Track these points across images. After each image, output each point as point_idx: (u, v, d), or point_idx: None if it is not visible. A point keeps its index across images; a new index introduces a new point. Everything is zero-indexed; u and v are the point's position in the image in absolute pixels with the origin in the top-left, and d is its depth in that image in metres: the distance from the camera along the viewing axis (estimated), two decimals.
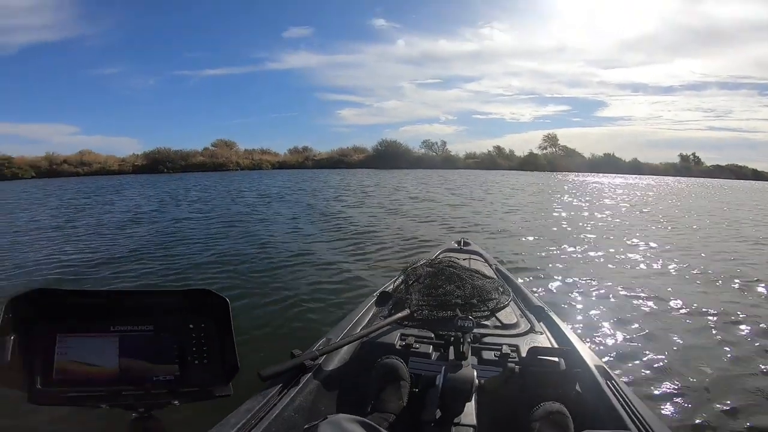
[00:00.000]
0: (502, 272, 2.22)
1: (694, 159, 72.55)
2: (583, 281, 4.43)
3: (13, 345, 0.62)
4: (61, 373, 0.65)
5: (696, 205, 15.17)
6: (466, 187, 20.61)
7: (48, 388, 0.64)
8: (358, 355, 1.35)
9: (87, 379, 0.66)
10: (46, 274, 4.85)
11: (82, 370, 0.66)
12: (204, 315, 0.74)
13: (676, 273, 4.96)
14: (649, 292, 4.03)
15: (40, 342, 0.66)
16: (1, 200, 16.23)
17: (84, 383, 0.66)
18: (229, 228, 8.06)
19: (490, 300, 1.59)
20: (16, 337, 0.63)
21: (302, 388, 1.14)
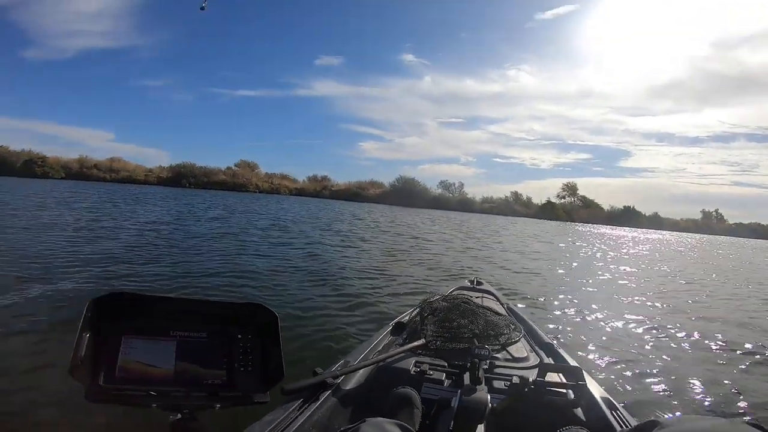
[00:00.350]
0: (514, 311, 2.30)
1: (717, 216, 70.97)
2: (593, 324, 4.66)
3: (88, 342, 0.66)
4: (123, 372, 0.69)
5: (714, 263, 14.75)
6: (481, 231, 20.51)
7: (110, 384, 0.67)
8: (374, 378, 1.41)
9: (144, 379, 0.70)
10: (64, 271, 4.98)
11: (141, 369, 0.70)
12: (253, 326, 0.81)
13: (682, 319, 5.19)
14: (654, 334, 4.32)
15: (109, 341, 0.70)
16: (34, 197, 16.83)
17: (141, 383, 0.69)
18: (250, 247, 8.24)
19: (501, 335, 1.66)
20: (91, 335, 0.67)
21: (321, 405, 1.19)
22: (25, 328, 3.05)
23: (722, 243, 35.84)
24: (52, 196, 19.29)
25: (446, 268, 7.94)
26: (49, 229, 8.66)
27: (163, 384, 0.71)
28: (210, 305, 0.81)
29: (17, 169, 45.90)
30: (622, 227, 53.69)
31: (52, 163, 49.50)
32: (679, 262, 14.62)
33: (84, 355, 0.65)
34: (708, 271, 12.11)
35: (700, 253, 20.09)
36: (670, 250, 20.97)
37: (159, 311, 0.76)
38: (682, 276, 10.20)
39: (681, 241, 33.63)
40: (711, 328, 4.73)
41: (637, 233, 40.83)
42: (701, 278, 10.23)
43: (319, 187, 62.68)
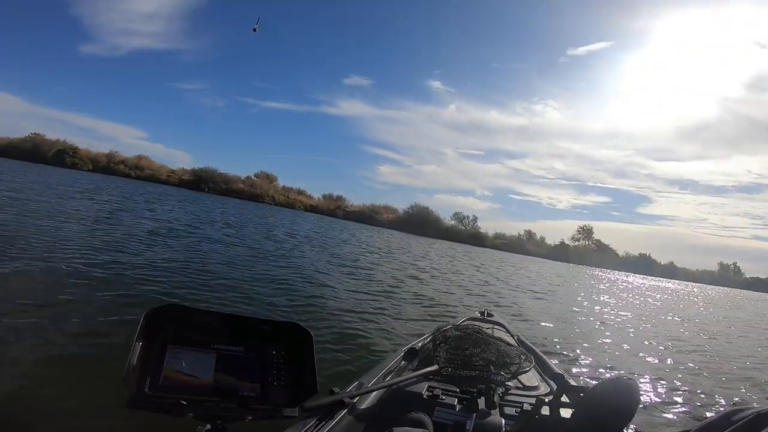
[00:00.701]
0: (524, 342, 2.35)
1: (734, 269, 69.40)
2: (602, 363, 4.91)
3: (140, 350, 0.72)
4: (166, 380, 0.73)
5: (726, 314, 14.43)
6: (493, 267, 20.27)
7: (154, 392, 0.71)
8: (388, 400, 1.45)
9: (185, 388, 0.74)
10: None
11: (182, 379, 0.75)
12: (287, 344, 0.88)
13: (688, 366, 5.48)
14: (659, 375, 4.70)
15: (157, 350, 0.75)
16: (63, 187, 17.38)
17: (181, 392, 0.73)
18: (265, 262, 8.39)
19: (512, 364, 1.70)
20: (144, 344, 0.73)
21: (337, 423, 1.24)
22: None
23: (738, 296, 34.63)
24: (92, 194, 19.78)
25: (457, 299, 8.07)
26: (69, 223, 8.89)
27: (201, 394, 0.74)
28: (250, 322, 0.87)
29: (49, 157, 47.72)
30: (636, 274, 52.24)
31: (82, 155, 51.37)
32: (692, 311, 14.18)
33: (135, 363, 0.70)
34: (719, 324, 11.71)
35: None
36: (691, 300, 20.39)
37: (202, 324, 0.82)
38: (695, 327, 9.87)
39: (699, 291, 32.67)
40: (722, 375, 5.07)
41: (650, 281, 40.37)
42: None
43: (333, 206, 63.20)
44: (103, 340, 3.00)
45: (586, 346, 5.69)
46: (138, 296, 4.30)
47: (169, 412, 0.70)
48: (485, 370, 1.58)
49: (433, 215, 61.30)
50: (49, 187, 16.88)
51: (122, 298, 4.09)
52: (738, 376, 5.38)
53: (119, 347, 2.81)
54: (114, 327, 3.28)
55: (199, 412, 0.73)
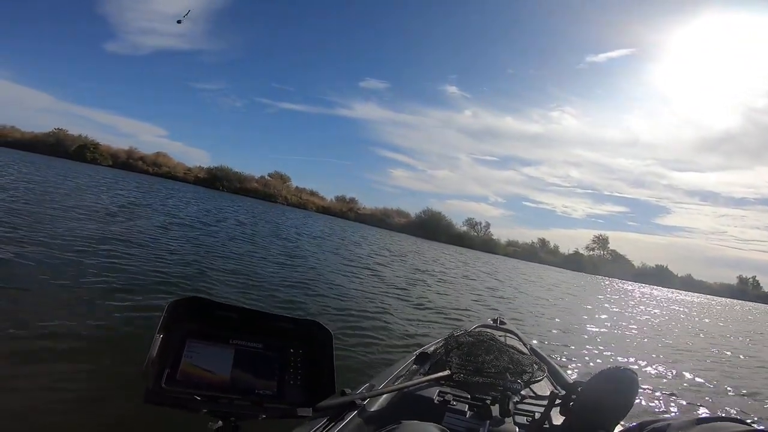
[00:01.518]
0: (536, 351, 2.33)
1: (753, 283, 67.33)
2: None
3: (161, 343, 0.70)
4: (183, 375, 0.71)
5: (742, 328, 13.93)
6: (506, 274, 19.92)
7: (170, 387, 0.69)
8: (398, 404, 1.45)
9: (202, 384, 0.72)
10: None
11: (200, 374, 0.73)
12: (306, 342, 0.85)
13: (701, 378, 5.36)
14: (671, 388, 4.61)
15: (176, 343, 0.73)
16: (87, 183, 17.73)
17: (198, 387, 0.71)
18: (287, 261, 8.49)
19: (525, 372, 1.68)
20: (164, 336, 0.71)
21: (347, 424, 1.22)
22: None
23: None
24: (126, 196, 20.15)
25: (469, 305, 8.05)
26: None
27: (217, 390, 0.73)
28: (270, 318, 0.84)
29: (71, 152, 49.01)
30: (652, 286, 51.00)
31: (103, 151, 52.60)
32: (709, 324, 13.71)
33: (155, 356, 0.68)
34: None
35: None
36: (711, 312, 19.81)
37: (223, 319, 0.80)
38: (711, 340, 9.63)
39: (718, 304, 31.80)
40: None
41: (668, 293, 39.56)
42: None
43: (346, 208, 63.37)
44: (114, 333, 2.98)
45: (604, 357, 5.61)
46: (153, 289, 4.31)
47: (185, 408, 0.68)
48: (499, 377, 1.56)
49: (445, 220, 61.01)
50: (68, 179, 17.21)
51: (138, 293, 4.08)
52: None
53: (131, 341, 2.83)
54: (126, 321, 3.25)
55: (214, 408, 0.70)
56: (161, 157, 57.49)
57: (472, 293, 10.19)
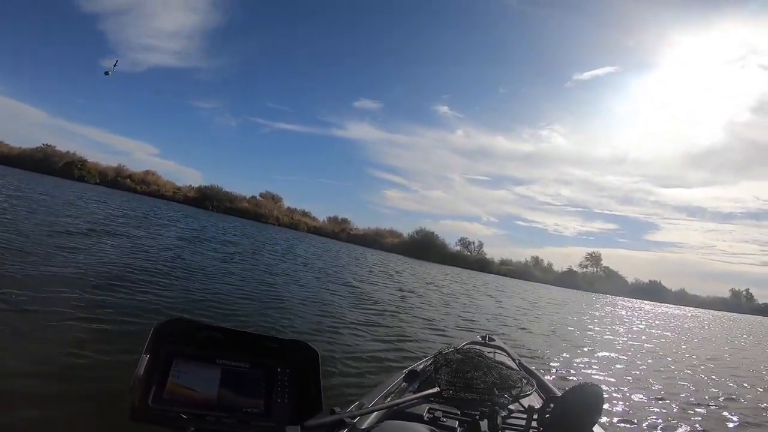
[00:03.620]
0: (525, 366, 2.32)
1: (747, 295, 67.89)
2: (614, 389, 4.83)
3: (147, 363, 0.72)
4: (170, 394, 0.73)
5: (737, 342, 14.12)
6: (497, 291, 19.44)
7: (157, 405, 0.72)
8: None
9: (188, 402, 0.74)
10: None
11: (186, 393, 0.74)
12: (293, 361, 0.87)
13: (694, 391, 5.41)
14: (664, 401, 4.63)
15: (163, 363, 0.75)
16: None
17: (185, 405, 0.73)
18: (275, 280, 8.50)
19: (514, 387, 1.67)
20: (151, 356, 0.74)
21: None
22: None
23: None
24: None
25: (458, 323, 8.15)
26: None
27: (204, 408, 0.74)
28: (256, 338, 0.86)
29: (58, 169, 48.08)
30: (647, 301, 50.80)
31: (90, 168, 51.72)
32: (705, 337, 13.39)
33: (141, 375, 0.71)
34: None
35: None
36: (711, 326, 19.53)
37: (209, 339, 0.81)
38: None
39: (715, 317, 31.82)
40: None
41: (664, 308, 39.99)
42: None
43: (338, 228, 62.71)
44: (103, 355, 2.96)
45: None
46: (140, 309, 4.29)
47: (171, 426, 0.70)
48: (487, 393, 1.58)
49: (438, 240, 60.45)
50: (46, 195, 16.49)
51: (127, 310, 4.11)
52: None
53: (119, 360, 2.85)
54: (116, 340, 3.29)
55: (201, 426, 0.72)
56: (150, 175, 56.71)
57: (463, 311, 10.20)
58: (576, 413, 1.11)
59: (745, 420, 4.39)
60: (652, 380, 5.61)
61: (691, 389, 5.48)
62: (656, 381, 5.59)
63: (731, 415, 4.49)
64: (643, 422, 3.82)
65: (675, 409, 4.40)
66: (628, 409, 4.17)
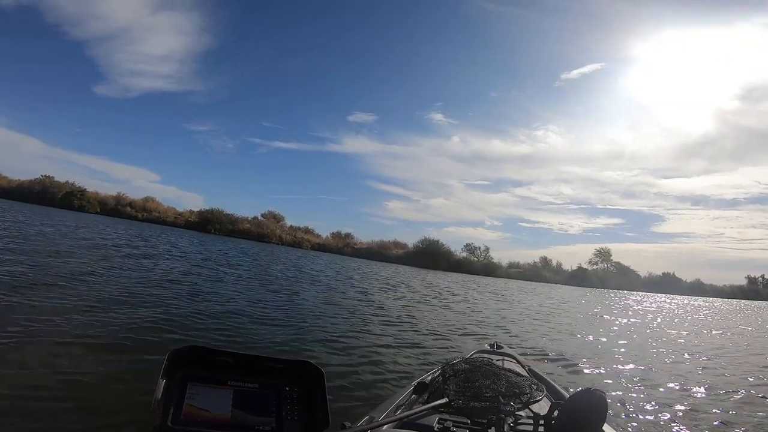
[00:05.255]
0: (535, 372, 2.30)
1: (763, 281, 66.26)
2: (632, 392, 4.70)
3: (164, 387, 0.79)
4: (187, 415, 0.80)
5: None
6: (505, 294, 18.77)
7: (175, 425, 0.78)
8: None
9: (204, 423, 0.79)
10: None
11: (202, 414, 0.81)
12: (300, 380, 0.94)
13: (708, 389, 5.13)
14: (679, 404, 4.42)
15: (179, 387, 0.82)
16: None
17: (201, 425, 0.79)
18: (282, 298, 8.51)
19: (523, 394, 1.66)
20: (167, 381, 0.80)
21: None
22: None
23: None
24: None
25: (467, 331, 7.95)
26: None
27: (219, 427, 0.80)
28: (264, 360, 0.93)
29: (58, 200, 47.97)
30: (663, 294, 49.48)
31: (90, 197, 51.61)
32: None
33: (160, 398, 0.77)
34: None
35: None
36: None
37: (219, 363, 0.89)
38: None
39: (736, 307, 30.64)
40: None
41: (685, 300, 39.41)
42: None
43: (342, 243, 62.09)
44: (124, 379, 3.15)
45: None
46: (157, 335, 4.46)
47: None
48: (495, 401, 1.56)
49: (443, 248, 59.38)
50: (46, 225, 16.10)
51: (141, 335, 4.31)
52: None
53: (141, 380, 3.05)
54: (134, 365, 3.51)
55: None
56: (150, 202, 56.51)
57: (471, 319, 9.90)
58: (582, 418, 1.11)
59: None
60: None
61: None
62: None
63: None
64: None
65: None
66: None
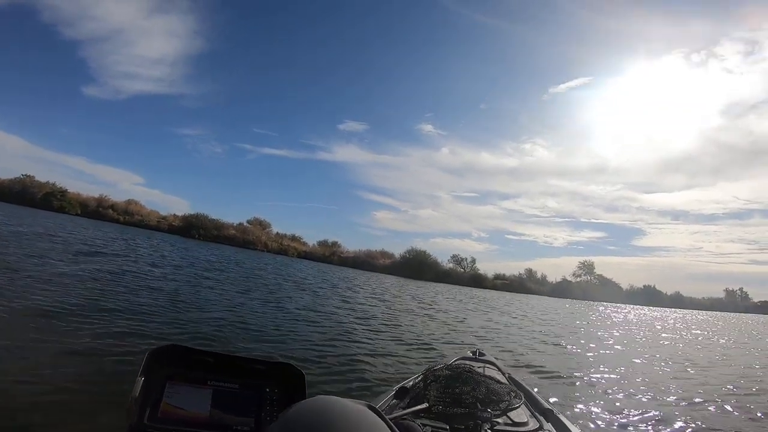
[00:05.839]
0: (515, 380, 2.33)
1: (741, 294, 68.73)
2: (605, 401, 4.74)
3: (142, 385, 0.77)
4: (164, 414, 0.78)
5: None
6: (499, 306, 18.82)
7: (152, 424, 0.77)
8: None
9: (181, 422, 0.79)
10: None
11: (180, 413, 0.80)
12: (281, 382, 0.92)
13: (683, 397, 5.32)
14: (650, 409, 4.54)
15: (157, 385, 0.81)
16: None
17: (178, 424, 0.78)
18: (259, 306, 8.36)
19: (502, 401, 1.68)
20: (146, 379, 0.79)
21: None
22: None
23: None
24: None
25: (450, 339, 8.09)
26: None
27: (196, 426, 0.79)
28: (245, 361, 0.92)
29: (38, 200, 46.58)
30: (645, 306, 50.86)
31: (71, 199, 50.28)
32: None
33: (137, 396, 0.76)
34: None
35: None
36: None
37: (200, 363, 0.88)
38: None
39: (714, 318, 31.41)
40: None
41: (664, 312, 40.10)
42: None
43: (328, 252, 61.65)
44: (101, 376, 3.13)
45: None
46: (139, 335, 4.46)
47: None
48: (475, 407, 1.58)
49: (430, 259, 59.57)
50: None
51: (124, 335, 4.32)
52: None
53: (119, 382, 2.96)
54: (115, 362, 3.49)
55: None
56: (133, 205, 55.26)
57: (454, 328, 10.02)
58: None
59: None
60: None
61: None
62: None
63: None
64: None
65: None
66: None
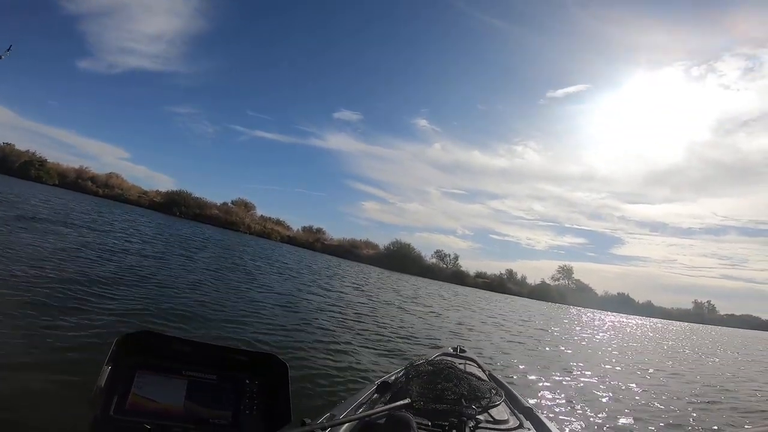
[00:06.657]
0: (495, 377, 2.34)
1: (709, 307, 71.84)
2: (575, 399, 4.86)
3: (109, 374, 0.73)
4: (133, 405, 0.74)
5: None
6: (471, 303, 19.14)
7: (119, 416, 0.72)
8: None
9: (152, 414, 0.74)
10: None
11: (149, 405, 0.75)
12: (262, 374, 0.88)
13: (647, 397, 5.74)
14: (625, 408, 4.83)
15: (125, 375, 0.76)
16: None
17: (149, 416, 0.73)
18: (246, 292, 8.24)
19: (483, 398, 1.68)
20: (112, 368, 0.74)
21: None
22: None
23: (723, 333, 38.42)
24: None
25: (431, 334, 8.10)
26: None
27: (169, 420, 0.75)
28: (225, 351, 0.87)
29: (15, 168, 44.89)
30: (616, 313, 52.67)
31: (50, 169, 48.64)
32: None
33: (103, 386, 0.71)
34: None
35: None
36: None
37: (176, 352, 0.82)
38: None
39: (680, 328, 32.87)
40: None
41: (636, 320, 42.04)
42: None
43: (312, 238, 61.39)
44: (67, 364, 2.87)
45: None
46: (105, 319, 4.16)
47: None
48: (457, 404, 1.58)
49: (414, 252, 60.10)
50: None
51: (89, 320, 3.98)
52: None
53: (85, 370, 2.69)
54: (83, 349, 3.20)
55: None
56: (113, 178, 53.83)
57: (436, 324, 9.96)
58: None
59: None
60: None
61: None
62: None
63: None
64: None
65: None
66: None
